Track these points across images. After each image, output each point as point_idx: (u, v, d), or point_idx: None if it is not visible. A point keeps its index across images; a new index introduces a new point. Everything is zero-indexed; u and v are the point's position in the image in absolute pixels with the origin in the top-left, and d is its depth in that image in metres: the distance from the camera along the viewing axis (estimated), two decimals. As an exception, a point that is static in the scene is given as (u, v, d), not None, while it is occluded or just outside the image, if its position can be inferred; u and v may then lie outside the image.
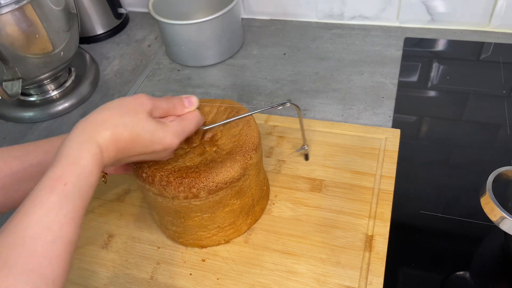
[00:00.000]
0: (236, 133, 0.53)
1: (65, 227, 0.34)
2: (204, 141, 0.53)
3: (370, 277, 0.50)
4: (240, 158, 0.50)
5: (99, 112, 0.41)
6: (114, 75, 0.88)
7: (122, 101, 0.43)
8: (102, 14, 0.96)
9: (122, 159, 0.43)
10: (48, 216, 0.34)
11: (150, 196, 0.51)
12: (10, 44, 0.68)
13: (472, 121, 0.68)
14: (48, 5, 0.70)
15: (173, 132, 0.44)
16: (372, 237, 0.53)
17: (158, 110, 0.45)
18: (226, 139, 0.53)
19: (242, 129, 0.53)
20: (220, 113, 0.55)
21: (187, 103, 0.48)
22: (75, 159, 0.37)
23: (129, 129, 0.41)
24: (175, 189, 0.48)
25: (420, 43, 0.84)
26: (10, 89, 0.71)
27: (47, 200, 0.34)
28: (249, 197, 0.53)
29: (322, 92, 0.76)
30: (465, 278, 0.51)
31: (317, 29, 0.91)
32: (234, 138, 0.52)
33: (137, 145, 0.42)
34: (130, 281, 0.53)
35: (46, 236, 0.33)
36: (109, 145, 0.40)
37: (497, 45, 0.80)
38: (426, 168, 0.62)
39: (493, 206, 0.46)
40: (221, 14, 0.78)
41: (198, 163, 0.50)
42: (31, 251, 0.32)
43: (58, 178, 0.36)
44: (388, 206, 0.56)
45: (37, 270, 0.32)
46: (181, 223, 0.52)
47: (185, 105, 0.47)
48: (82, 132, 0.39)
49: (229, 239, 0.55)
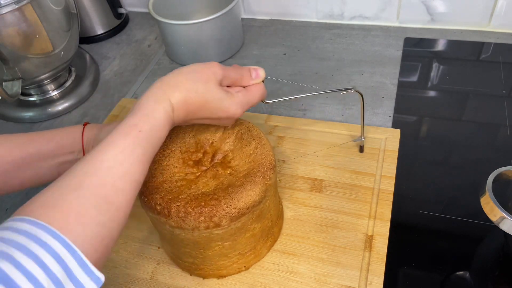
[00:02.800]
0: (250, 153, 0.50)
1: (134, 167, 0.39)
2: (216, 163, 0.51)
3: (370, 277, 0.50)
4: (259, 180, 0.47)
5: (175, 75, 0.45)
6: (114, 75, 0.88)
7: (196, 67, 0.47)
8: (102, 14, 0.96)
9: (189, 120, 0.47)
10: (122, 154, 0.38)
11: (166, 229, 0.47)
12: (10, 44, 0.68)
13: (472, 121, 0.68)
14: (48, 5, 0.70)
15: (238, 102, 0.47)
16: (372, 237, 0.53)
17: (227, 79, 0.48)
18: (240, 160, 0.50)
19: (256, 148, 0.50)
20: (227, 131, 0.53)
21: (254, 75, 0.50)
22: (150, 111, 0.42)
23: (200, 95, 0.45)
24: (195, 220, 0.44)
25: (420, 43, 0.84)
26: (10, 89, 0.71)
27: (123, 142, 0.39)
28: (268, 219, 0.50)
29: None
30: (465, 278, 0.51)
31: (317, 29, 0.91)
32: (249, 158, 0.50)
33: (205, 110, 0.46)
34: (130, 281, 0.53)
35: (118, 170, 0.38)
36: (180, 106, 0.44)
37: (497, 45, 0.80)
38: (426, 168, 0.62)
39: (493, 206, 0.46)
40: (221, 14, 0.78)
41: (214, 189, 0.47)
42: (103, 180, 0.37)
43: (134, 125, 0.40)
44: (388, 206, 0.56)
45: (105, 197, 0.36)
46: (200, 254, 0.49)
47: (251, 76, 0.50)
48: (158, 90, 0.44)
49: (250, 265, 0.52)
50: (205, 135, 0.53)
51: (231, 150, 0.51)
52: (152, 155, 0.42)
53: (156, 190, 0.47)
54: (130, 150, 0.39)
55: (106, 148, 0.39)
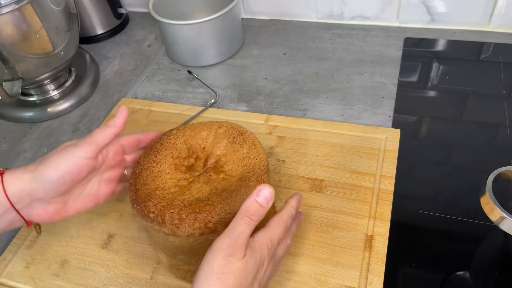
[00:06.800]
0: (243, 157, 0.49)
1: None
2: (209, 168, 0.50)
3: (370, 277, 0.50)
4: (254, 184, 0.46)
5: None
6: (114, 75, 0.88)
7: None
8: (102, 14, 0.96)
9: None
10: None
11: (160, 236, 0.46)
12: (10, 44, 0.68)
13: (472, 121, 0.68)
14: (48, 5, 0.70)
15: (262, 248, 0.41)
16: (372, 237, 0.53)
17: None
18: (233, 164, 0.49)
19: (249, 152, 0.50)
20: (219, 136, 0.52)
21: (264, 202, 0.42)
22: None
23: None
24: (189, 226, 0.43)
25: (420, 43, 0.84)
26: (10, 89, 0.71)
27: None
28: (264, 221, 0.50)
29: (322, 92, 0.76)
30: (465, 278, 0.51)
31: (317, 29, 0.91)
32: (243, 162, 0.49)
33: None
34: (130, 281, 0.53)
35: None
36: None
37: (497, 45, 0.80)
38: (426, 168, 0.62)
39: (493, 206, 0.46)
40: (221, 14, 0.78)
41: (208, 194, 0.46)
42: None
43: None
44: (388, 206, 0.56)
45: None
46: (195, 261, 0.47)
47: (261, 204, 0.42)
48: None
49: None
50: (197, 140, 0.52)
51: (224, 154, 0.51)
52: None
53: (149, 198, 0.46)
54: None
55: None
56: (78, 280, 0.54)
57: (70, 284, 0.54)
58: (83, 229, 0.60)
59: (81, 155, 0.45)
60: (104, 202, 0.51)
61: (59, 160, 0.45)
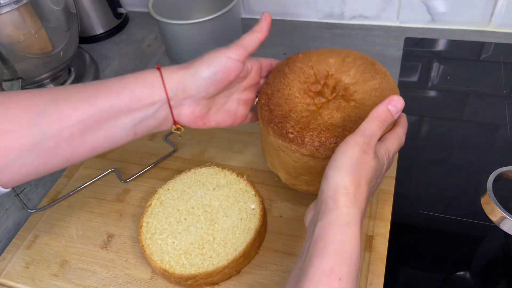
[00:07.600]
0: (376, 87, 0.49)
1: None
2: (337, 96, 0.49)
3: (370, 277, 0.50)
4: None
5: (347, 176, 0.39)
6: (114, 75, 0.88)
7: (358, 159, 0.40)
8: (102, 14, 0.95)
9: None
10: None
11: (293, 156, 0.47)
12: (9, 43, 0.68)
13: (472, 121, 0.68)
14: (48, 5, 0.70)
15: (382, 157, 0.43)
16: (372, 237, 0.53)
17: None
18: (365, 94, 0.48)
19: (382, 83, 0.49)
20: (347, 64, 0.51)
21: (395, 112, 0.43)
22: (341, 245, 0.36)
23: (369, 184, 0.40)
24: (329, 150, 0.44)
25: (420, 43, 0.84)
26: (9, 88, 0.71)
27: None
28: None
29: (322, 92, 0.76)
30: (465, 278, 0.51)
31: (317, 29, 0.91)
32: (376, 92, 0.48)
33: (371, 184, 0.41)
34: (130, 281, 0.53)
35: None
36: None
37: (497, 45, 0.80)
38: (426, 168, 0.62)
39: (494, 206, 0.46)
40: (221, 14, 0.78)
41: (342, 121, 0.46)
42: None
43: (330, 272, 0.34)
44: (388, 206, 0.56)
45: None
46: (318, 183, 0.45)
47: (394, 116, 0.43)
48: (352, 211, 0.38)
49: (240, 268, 0.52)
50: (324, 66, 0.52)
51: (353, 83, 0.50)
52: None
53: (286, 119, 0.47)
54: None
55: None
56: (78, 280, 0.54)
57: (70, 285, 0.54)
58: (82, 229, 0.59)
59: (232, 56, 0.47)
60: (239, 124, 0.54)
61: (213, 59, 0.47)
